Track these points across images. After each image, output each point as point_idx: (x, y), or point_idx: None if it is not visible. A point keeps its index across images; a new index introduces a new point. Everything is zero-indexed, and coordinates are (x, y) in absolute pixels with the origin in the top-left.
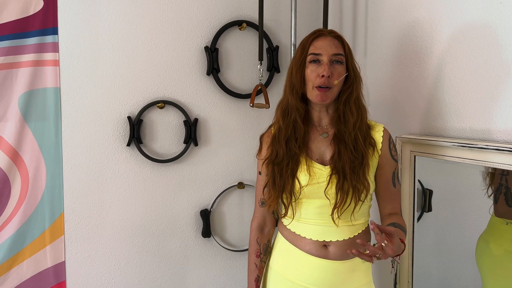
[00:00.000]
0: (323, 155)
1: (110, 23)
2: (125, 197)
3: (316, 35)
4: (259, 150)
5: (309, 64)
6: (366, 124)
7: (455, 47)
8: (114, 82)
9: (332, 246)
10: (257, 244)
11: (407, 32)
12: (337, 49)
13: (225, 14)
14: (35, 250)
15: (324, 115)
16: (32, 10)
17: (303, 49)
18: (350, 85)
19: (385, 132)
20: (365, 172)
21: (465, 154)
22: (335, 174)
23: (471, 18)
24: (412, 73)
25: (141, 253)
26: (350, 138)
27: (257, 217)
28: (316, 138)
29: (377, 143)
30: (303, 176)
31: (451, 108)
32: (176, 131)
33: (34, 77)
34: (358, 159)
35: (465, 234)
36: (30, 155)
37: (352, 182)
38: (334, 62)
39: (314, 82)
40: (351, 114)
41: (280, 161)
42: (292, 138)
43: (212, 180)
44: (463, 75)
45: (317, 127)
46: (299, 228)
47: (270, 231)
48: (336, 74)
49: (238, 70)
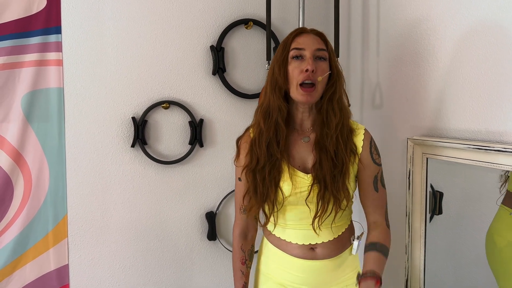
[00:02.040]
0: (305, 162)
1: (114, 22)
2: (129, 199)
3: (297, 31)
4: (237, 155)
5: (291, 61)
6: (348, 127)
7: (470, 45)
8: (118, 82)
9: (319, 248)
10: (242, 251)
11: (420, 30)
12: (320, 45)
13: (231, 13)
14: (38, 252)
15: (306, 116)
16: (35, 9)
17: (285, 46)
18: (333, 83)
19: (366, 135)
20: (345, 180)
21: (481, 157)
22: (316, 184)
23: (486, 15)
24: (425, 73)
25: (146, 256)
26: (332, 143)
27: (238, 224)
28: (298, 143)
29: (357, 148)
30: (286, 186)
31: (466, 109)
32: (181, 132)
33: (37, 77)
34: (338, 167)
35: (476, 237)
36: (33, 157)
37: (333, 192)
38: (318, 58)
39: (298, 78)
40: (334, 115)
41: (261, 168)
42: (273, 141)
43: (218, 182)
44: (478, 75)
45: (298, 130)
46: (284, 234)
47: (253, 236)
48: (320, 70)
49: (244, 69)
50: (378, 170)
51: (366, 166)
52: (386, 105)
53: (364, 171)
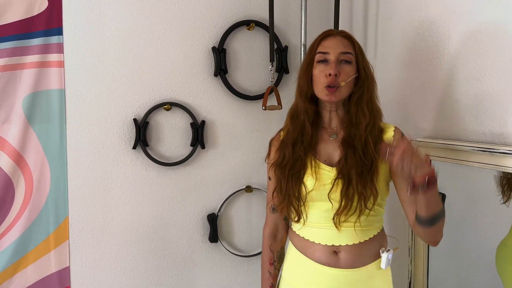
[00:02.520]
0: (331, 156)
1: (116, 23)
2: (131, 201)
3: (324, 35)
4: (268, 154)
5: (317, 65)
6: (379, 127)
7: (472, 46)
8: (119, 83)
9: (342, 252)
10: (271, 251)
11: (423, 31)
12: (345, 48)
13: (233, 14)
14: (39, 255)
15: (334, 115)
16: (36, 10)
17: (311, 50)
18: (361, 85)
19: (396, 131)
20: (373, 179)
21: (486, 159)
22: (340, 178)
23: (488, 16)
24: (427, 74)
25: (147, 258)
26: (360, 142)
27: (269, 224)
28: (325, 140)
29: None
30: (310, 180)
31: (470, 110)
32: (183, 134)
33: (39, 78)
34: (367, 165)
35: (479, 239)
36: (34, 158)
37: (358, 188)
38: (342, 62)
39: (323, 82)
40: (364, 117)
41: (285, 164)
42: (299, 141)
43: (220, 184)
44: (482, 76)
45: (327, 128)
46: (308, 233)
47: (283, 238)
48: (343, 74)
49: (246, 71)
50: None
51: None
52: (389, 107)
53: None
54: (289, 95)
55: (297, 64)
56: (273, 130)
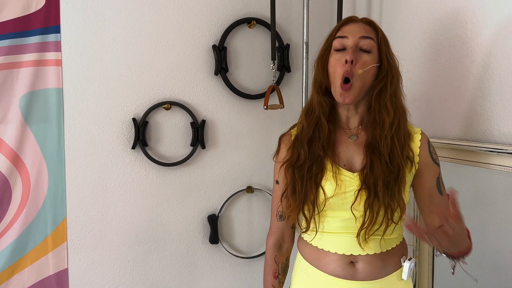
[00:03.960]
0: (351, 160)
1: (114, 21)
2: (130, 202)
3: (345, 20)
4: (277, 151)
5: (333, 53)
6: (406, 129)
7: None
8: (118, 82)
9: (360, 263)
10: (275, 263)
11: (428, 28)
12: (367, 33)
13: (233, 12)
14: (37, 257)
15: (352, 114)
16: (33, 8)
17: (329, 37)
18: (384, 77)
19: (422, 135)
20: (400, 189)
21: (493, 160)
22: (365, 189)
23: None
24: (433, 72)
25: (147, 260)
26: (386, 145)
27: (274, 232)
28: (344, 141)
29: (414, 154)
30: (329, 185)
31: (476, 109)
32: (183, 133)
33: (36, 77)
34: (393, 173)
35: (484, 240)
36: (31, 159)
37: (385, 201)
38: (361, 50)
39: (339, 72)
40: (387, 114)
41: (301, 164)
42: (315, 138)
43: (220, 184)
44: (487, 74)
45: (345, 128)
46: (322, 242)
47: (289, 248)
48: (360, 62)
49: (247, 69)
50: (439, 170)
51: (428, 166)
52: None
53: (427, 173)
54: (291, 94)
55: (299, 62)
56: (274, 130)
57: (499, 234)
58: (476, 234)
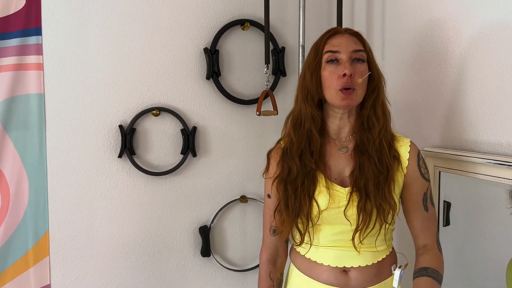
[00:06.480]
0: (342, 173)
1: (100, 22)
2: (117, 213)
3: (331, 33)
4: (266, 168)
5: (326, 65)
6: (390, 133)
7: (489, 49)
8: (104, 87)
9: (353, 272)
10: (270, 279)
11: (431, 32)
12: (357, 45)
13: (226, 13)
14: (17, 272)
15: (344, 123)
16: (13, 9)
17: (317, 50)
18: (375, 87)
19: (412, 147)
20: (390, 188)
21: (503, 173)
22: (356, 192)
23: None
24: (436, 78)
25: (135, 274)
26: (374, 148)
27: (267, 247)
28: (334, 154)
29: (402, 158)
30: (322, 198)
31: (484, 119)
32: (173, 141)
33: (16, 82)
34: (383, 173)
35: (485, 249)
36: (11, 168)
37: (377, 201)
38: (355, 60)
39: (336, 84)
40: (377, 120)
41: (293, 179)
42: (306, 151)
43: (212, 194)
44: (499, 81)
45: (335, 140)
46: (315, 254)
47: (283, 263)
48: (358, 73)
49: (241, 73)
50: (428, 186)
51: (415, 180)
52: (394, 114)
53: (413, 187)
54: (286, 99)
55: (295, 66)
56: (269, 137)
57: (500, 244)
58: (478, 243)
